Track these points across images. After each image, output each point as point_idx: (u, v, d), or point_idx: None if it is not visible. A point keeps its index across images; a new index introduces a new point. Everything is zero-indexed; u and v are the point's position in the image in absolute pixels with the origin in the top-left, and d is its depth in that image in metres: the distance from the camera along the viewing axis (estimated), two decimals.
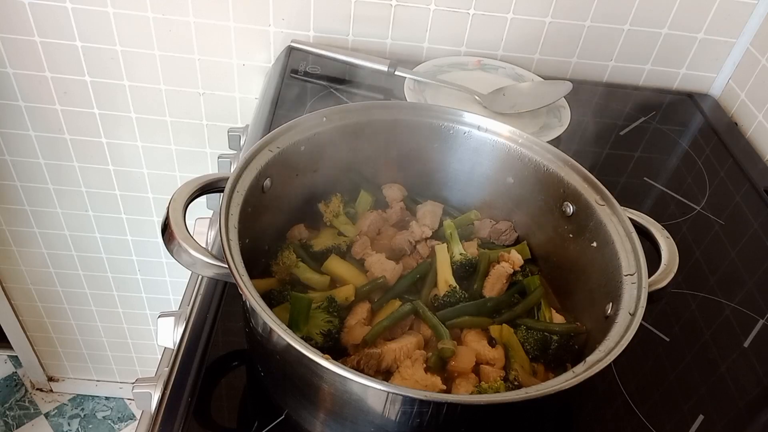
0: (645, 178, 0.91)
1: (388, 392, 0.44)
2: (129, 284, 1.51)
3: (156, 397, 0.62)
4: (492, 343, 0.58)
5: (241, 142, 1.02)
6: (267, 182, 0.58)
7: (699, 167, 0.95)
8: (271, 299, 0.58)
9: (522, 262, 0.65)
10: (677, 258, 0.56)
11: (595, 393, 0.62)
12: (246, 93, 1.14)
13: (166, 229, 0.51)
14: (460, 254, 0.64)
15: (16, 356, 1.74)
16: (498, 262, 0.65)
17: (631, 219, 0.57)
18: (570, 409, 0.60)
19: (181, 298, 0.80)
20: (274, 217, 0.63)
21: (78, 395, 1.81)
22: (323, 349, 0.48)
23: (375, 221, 0.68)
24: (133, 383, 0.64)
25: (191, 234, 0.51)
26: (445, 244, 0.65)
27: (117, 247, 1.43)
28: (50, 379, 1.78)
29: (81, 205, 1.34)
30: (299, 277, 0.62)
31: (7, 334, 1.63)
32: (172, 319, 0.69)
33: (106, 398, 1.81)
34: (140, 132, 1.21)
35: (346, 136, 0.64)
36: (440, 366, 0.55)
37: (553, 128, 0.91)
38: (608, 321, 0.51)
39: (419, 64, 1.01)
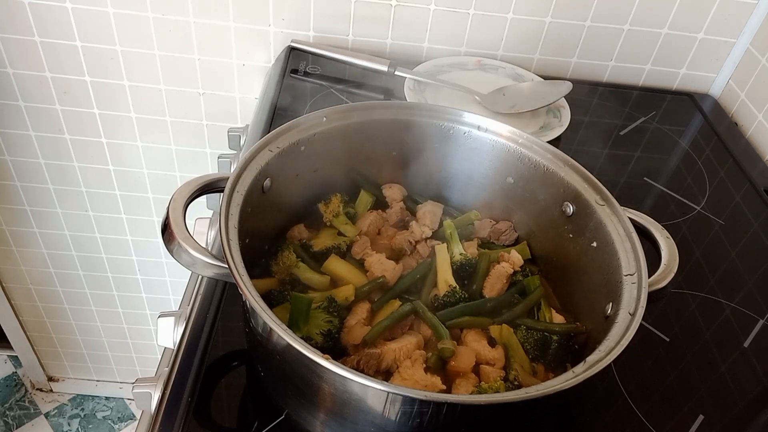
0: (645, 178, 0.91)
1: (388, 392, 0.44)
2: (129, 284, 1.51)
3: (156, 397, 0.62)
4: (492, 343, 0.58)
5: (241, 142, 1.02)
6: (267, 182, 0.58)
7: (699, 167, 0.95)
8: (271, 299, 0.58)
9: (522, 262, 0.66)
10: (677, 258, 0.56)
11: (595, 393, 0.62)
12: (246, 93, 1.14)
13: (166, 229, 0.51)
14: (460, 254, 0.64)
15: (16, 356, 1.74)
16: (498, 262, 0.65)
17: (631, 219, 0.57)
18: (570, 409, 0.60)
19: (181, 298, 0.80)
20: (274, 217, 0.63)
21: (78, 395, 1.81)
22: (323, 349, 0.48)
23: (375, 221, 0.68)
24: (133, 383, 0.64)
25: (191, 234, 0.52)
26: (445, 244, 0.65)
27: (117, 247, 1.43)
28: (50, 379, 1.78)
29: (81, 205, 1.34)
30: (299, 277, 0.62)
31: (7, 334, 1.63)
32: (172, 319, 0.69)
33: (106, 398, 1.81)
34: (140, 132, 1.21)
35: (346, 136, 0.64)
36: (440, 366, 0.55)
37: (553, 128, 0.91)
38: (608, 321, 0.51)
39: (419, 64, 1.01)
